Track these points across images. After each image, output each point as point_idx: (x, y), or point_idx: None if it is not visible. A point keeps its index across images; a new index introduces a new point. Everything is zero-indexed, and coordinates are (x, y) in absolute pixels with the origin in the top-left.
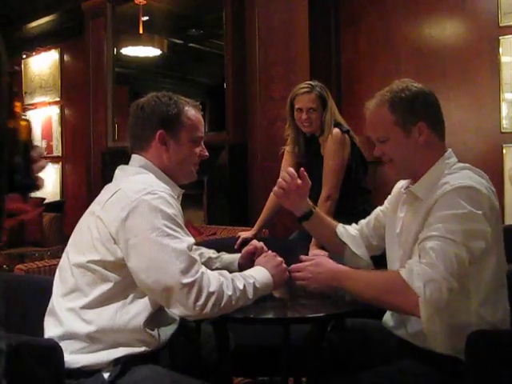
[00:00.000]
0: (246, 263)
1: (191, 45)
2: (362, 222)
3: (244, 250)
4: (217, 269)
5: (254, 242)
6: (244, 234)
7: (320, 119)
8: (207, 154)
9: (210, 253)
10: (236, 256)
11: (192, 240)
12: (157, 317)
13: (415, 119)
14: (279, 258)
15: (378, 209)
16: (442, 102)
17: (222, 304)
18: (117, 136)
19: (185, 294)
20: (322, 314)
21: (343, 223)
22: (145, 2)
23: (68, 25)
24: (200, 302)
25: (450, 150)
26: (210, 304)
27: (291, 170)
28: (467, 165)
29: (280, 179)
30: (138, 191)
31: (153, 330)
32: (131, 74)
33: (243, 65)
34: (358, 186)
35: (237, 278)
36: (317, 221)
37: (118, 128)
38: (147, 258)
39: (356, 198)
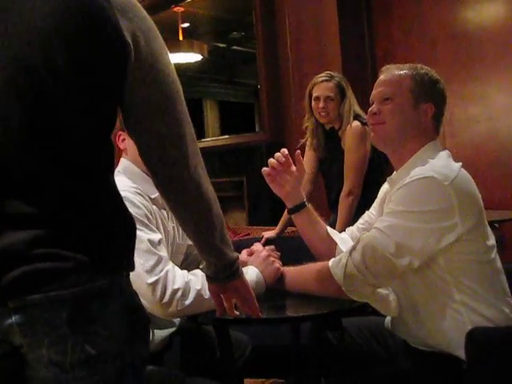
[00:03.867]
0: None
1: (234, 47)
2: (351, 227)
3: (243, 252)
4: None
5: (255, 245)
6: (267, 233)
7: (337, 110)
8: None
9: None
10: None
11: (157, 236)
12: (151, 317)
13: (429, 98)
14: (264, 253)
15: (367, 212)
16: (482, 87)
17: (190, 300)
18: None
19: (150, 292)
20: (326, 311)
21: None
22: (183, 9)
23: None
24: (165, 300)
25: (437, 140)
26: (174, 301)
27: (285, 150)
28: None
29: (272, 159)
30: None
31: None
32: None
33: (276, 63)
34: (381, 177)
35: None
36: (307, 216)
37: None
38: None
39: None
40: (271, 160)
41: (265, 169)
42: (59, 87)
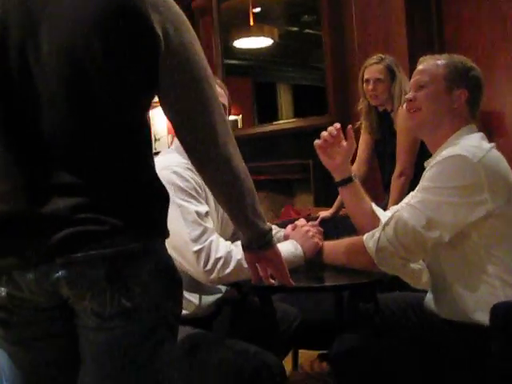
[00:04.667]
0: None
1: (306, 31)
2: (395, 206)
3: (288, 226)
4: None
5: (299, 220)
6: (323, 213)
7: (387, 92)
8: None
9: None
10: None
11: (204, 208)
12: (198, 283)
13: (462, 84)
14: (305, 228)
15: (411, 192)
16: None
17: (231, 268)
18: (241, 124)
19: (195, 259)
20: (364, 281)
21: None
22: None
23: None
24: (208, 268)
25: (472, 124)
26: (216, 268)
27: (337, 124)
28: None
29: (324, 132)
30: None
31: (192, 294)
32: (252, 65)
33: (342, 46)
34: None
35: None
36: (354, 190)
37: (242, 118)
38: None
39: None
40: (323, 133)
41: (317, 141)
42: (98, 75)
